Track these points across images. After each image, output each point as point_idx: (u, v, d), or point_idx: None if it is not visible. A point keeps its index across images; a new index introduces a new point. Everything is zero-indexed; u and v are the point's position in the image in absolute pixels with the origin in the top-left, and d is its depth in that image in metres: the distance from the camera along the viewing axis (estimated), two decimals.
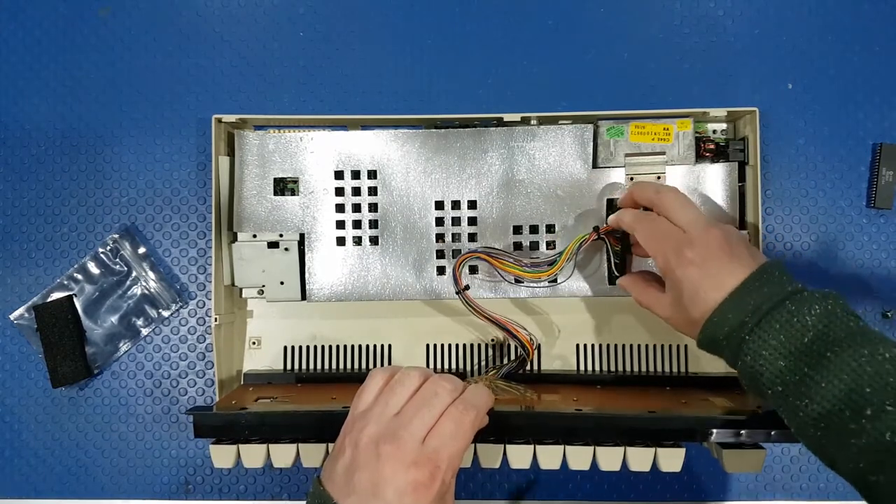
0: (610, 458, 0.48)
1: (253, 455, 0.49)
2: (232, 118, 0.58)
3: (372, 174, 0.57)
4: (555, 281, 0.56)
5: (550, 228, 0.56)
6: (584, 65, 0.62)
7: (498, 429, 0.44)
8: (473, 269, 0.57)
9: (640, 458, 0.48)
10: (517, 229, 0.57)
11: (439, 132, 0.57)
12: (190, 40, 0.62)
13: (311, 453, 0.49)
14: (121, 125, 0.62)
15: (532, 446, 0.49)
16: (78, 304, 0.61)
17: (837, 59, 0.61)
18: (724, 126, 0.59)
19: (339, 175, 0.57)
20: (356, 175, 0.57)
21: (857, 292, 0.59)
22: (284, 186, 0.58)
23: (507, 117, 0.57)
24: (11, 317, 0.61)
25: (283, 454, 0.49)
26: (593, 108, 0.57)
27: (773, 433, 0.46)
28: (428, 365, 0.59)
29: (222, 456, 0.49)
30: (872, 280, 0.60)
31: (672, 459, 0.48)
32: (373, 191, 0.57)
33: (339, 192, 0.57)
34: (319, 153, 0.57)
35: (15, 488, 0.61)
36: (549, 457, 0.48)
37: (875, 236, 0.60)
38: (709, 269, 0.44)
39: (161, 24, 0.62)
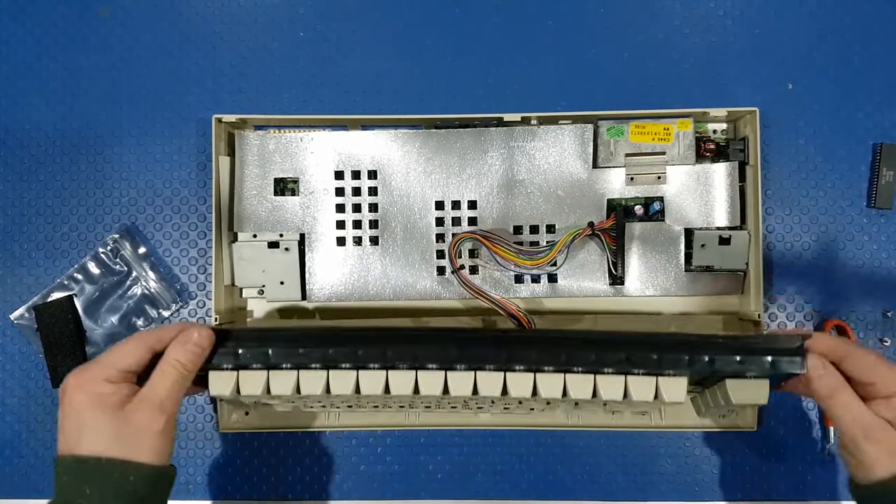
0: (611, 387, 0.46)
1: (252, 382, 0.46)
2: (232, 118, 0.58)
3: (372, 174, 0.57)
4: (555, 280, 0.56)
5: (551, 228, 0.56)
6: (584, 65, 0.61)
7: (500, 349, 0.45)
8: (474, 270, 0.57)
9: (641, 388, 0.46)
10: (517, 229, 0.57)
11: (439, 132, 0.57)
12: (190, 40, 0.62)
13: (312, 381, 0.46)
14: (121, 125, 0.62)
15: (532, 374, 0.46)
16: (78, 304, 0.61)
17: (837, 59, 0.61)
18: (724, 126, 0.59)
19: (339, 175, 0.57)
20: (356, 175, 0.57)
21: (857, 292, 0.59)
22: (284, 186, 0.58)
23: (507, 117, 0.57)
24: (11, 317, 0.61)
25: (282, 382, 0.46)
26: (593, 108, 0.57)
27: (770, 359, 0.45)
28: None
29: (220, 383, 0.46)
30: (873, 280, 0.60)
31: (674, 388, 0.46)
32: (373, 191, 0.57)
33: (340, 192, 0.57)
34: (319, 153, 0.57)
35: (15, 488, 0.61)
36: (550, 385, 0.46)
37: (875, 236, 0.60)
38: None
39: (161, 24, 0.62)
